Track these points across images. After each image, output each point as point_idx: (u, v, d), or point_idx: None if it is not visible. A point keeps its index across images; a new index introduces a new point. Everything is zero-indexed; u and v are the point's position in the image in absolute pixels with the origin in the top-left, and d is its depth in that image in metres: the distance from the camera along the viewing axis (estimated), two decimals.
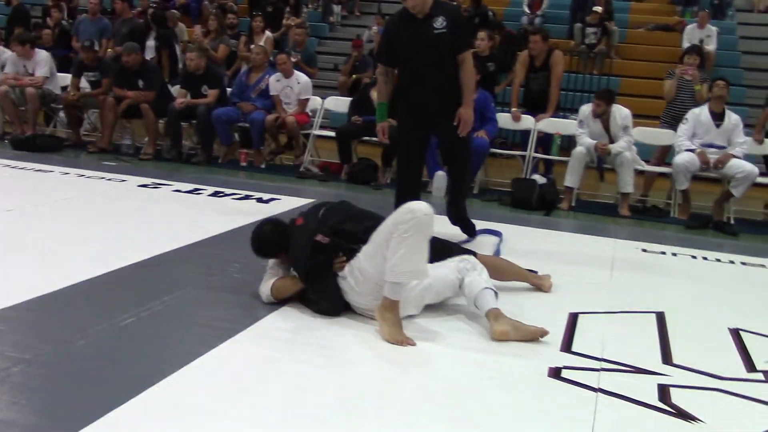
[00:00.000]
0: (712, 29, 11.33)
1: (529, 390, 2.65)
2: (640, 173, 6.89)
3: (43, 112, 8.66)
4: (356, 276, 3.16)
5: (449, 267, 3.33)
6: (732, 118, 6.51)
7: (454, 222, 4.84)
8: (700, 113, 6.55)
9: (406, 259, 2.95)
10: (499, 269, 3.86)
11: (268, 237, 3.41)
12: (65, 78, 8.45)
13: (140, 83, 7.71)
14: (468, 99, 4.46)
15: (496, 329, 3.08)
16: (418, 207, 2.98)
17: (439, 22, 4.31)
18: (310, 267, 3.23)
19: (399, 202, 4.50)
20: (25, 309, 3.09)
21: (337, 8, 14.25)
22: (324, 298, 3.24)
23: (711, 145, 6.49)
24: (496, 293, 3.22)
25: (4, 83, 8.10)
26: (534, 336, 3.10)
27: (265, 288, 3.33)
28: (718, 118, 6.51)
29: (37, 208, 5.00)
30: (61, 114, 8.52)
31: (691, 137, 6.54)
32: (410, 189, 4.58)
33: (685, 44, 10.78)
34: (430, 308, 3.40)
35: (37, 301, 3.18)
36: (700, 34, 11.17)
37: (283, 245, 3.35)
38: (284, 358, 2.78)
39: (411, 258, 2.96)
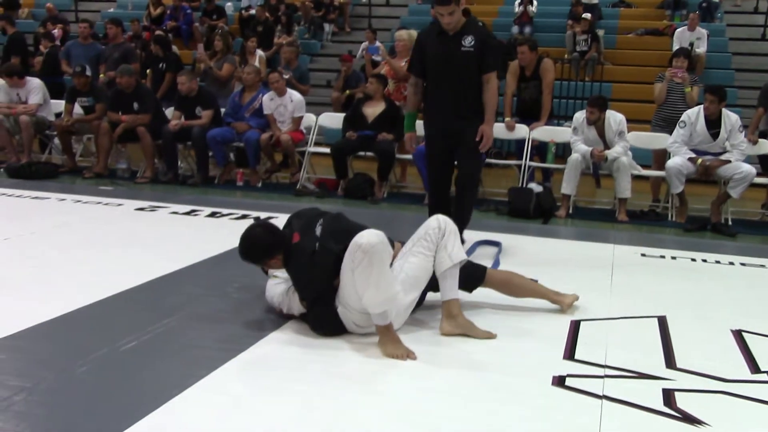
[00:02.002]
0: (703, 32, 11.40)
1: (533, 400, 2.64)
2: (638, 178, 6.89)
3: (37, 139, 8.67)
4: (344, 304, 3.15)
5: (419, 254, 3.28)
6: (728, 121, 6.44)
7: None
8: (696, 120, 6.50)
9: (374, 292, 2.97)
10: (511, 285, 3.74)
11: (259, 240, 3.25)
12: (58, 105, 8.47)
13: (135, 106, 7.72)
14: (490, 117, 4.63)
15: (444, 327, 3.27)
16: (366, 242, 2.95)
17: (468, 41, 4.49)
18: (320, 294, 3.16)
19: (431, 213, 4.59)
20: (26, 337, 3.08)
21: (328, 27, 14.30)
22: (322, 326, 3.21)
23: (706, 153, 6.49)
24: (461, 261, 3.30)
25: None
26: (482, 337, 3.23)
27: (297, 303, 3.28)
28: (713, 126, 6.46)
29: (34, 235, 4.99)
30: (56, 141, 8.53)
31: (687, 143, 6.54)
32: (440, 199, 4.78)
33: (676, 47, 10.84)
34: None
35: (37, 328, 3.17)
36: (691, 36, 11.23)
37: (273, 252, 3.23)
38: (286, 378, 2.77)
39: (378, 289, 2.97)
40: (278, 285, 3.42)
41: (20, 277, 3.97)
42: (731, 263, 5.02)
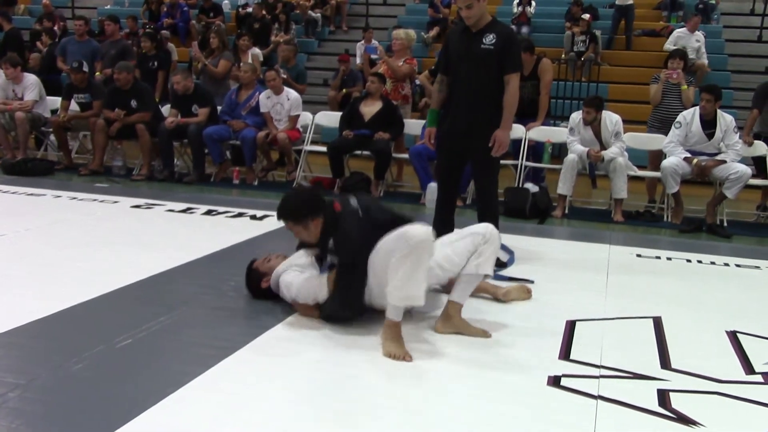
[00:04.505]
0: (701, 35, 11.38)
1: (529, 399, 2.64)
2: (634, 179, 6.91)
3: (33, 136, 8.65)
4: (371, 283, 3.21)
5: (466, 243, 3.31)
6: (724, 122, 6.47)
7: None
8: (692, 121, 6.52)
9: (403, 284, 2.98)
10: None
11: (308, 197, 3.33)
12: (55, 101, 8.45)
13: (133, 103, 7.71)
14: (507, 121, 4.50)
15: (438, 327, 3.33)
16: (414, 233, 2.97)
17: (489, 39, 4.37)
18: (359, 259, 3.19)
19: (437, 213, 4.75)
20: (20, 334, 3.07)
21: (317, 15, 14.23)
22: (347, 294, 3.22)
23: (701, 153, 6.50)
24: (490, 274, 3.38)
25: None
26: (477, 335, 3.28)
27: (322, 286, 3.27)
28: (709, 126, 6.49)
29: (30, 231, 4.98)
30: (52, 137, 8.51)
31: (682, 143, 6.56)
32: (445, 199, 4.74)
33: (670, 46, 10.84)
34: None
35: (32, 325, 3.16)
36: (689, 39, 11.21)
37: (318, 212, 3.26)
38: (281, 375, 2.77)
39: (408, 284, 2.98)
40: (300, 275, 3.38)
41: (15, 274, 3.96)
42: (726, 264, 5.04)
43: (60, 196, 6.39)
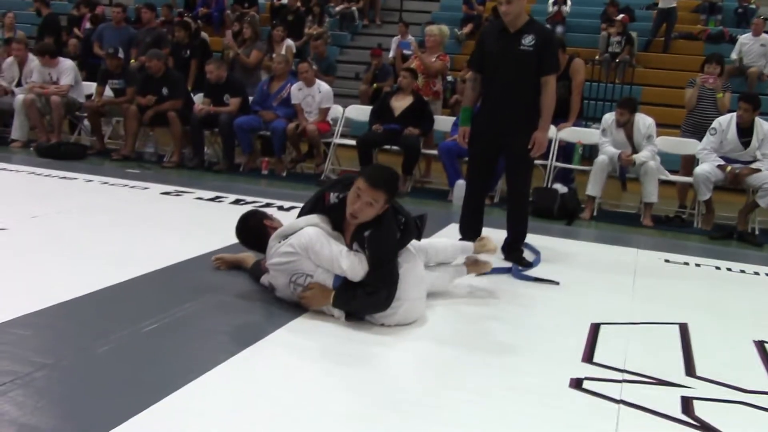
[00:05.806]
0: None
1: (550, 401, 2.63)
2: (665, 183, 6.82)
3: (67, 120, 8.77)
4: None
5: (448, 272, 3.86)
6: (761, 130, 6.35)
7: (506, 250, 4.67)
8: (728, 129, 6.42)
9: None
10: None
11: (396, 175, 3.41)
12: (90, 86, 8.55)
13: (164, 91, 7.78)
14: (545, 123, 4.48)
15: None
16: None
17: (528, 40, 4.35)
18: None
19: (464, 211, 4.81)
20: (49, 314, 3.12)
21: (351, 8, 14.22)
22: (388, 283, 3.18)
23: (736, 161, 6.40)
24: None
25: (30, 91, 8.22)
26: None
27: (363, 264, 3.18)
28: (745, 134, 6.37)
29: (61, 214, 5.05)
30: (86, 122, 8.62)
31: (716, 150, 6.46)
32: (474, 198, 4.75)
33: (733, 56, 10.74)
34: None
35: (60, 306, 3.21)
36: (755, 43, 11.03)
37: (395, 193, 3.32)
38: (305, 366, 2.79)
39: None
40: (337, 248, 3.22)
41: (46, 256, 4.02)
42: (756, 273, 4.96)
43: (91, 180, 6.47)
